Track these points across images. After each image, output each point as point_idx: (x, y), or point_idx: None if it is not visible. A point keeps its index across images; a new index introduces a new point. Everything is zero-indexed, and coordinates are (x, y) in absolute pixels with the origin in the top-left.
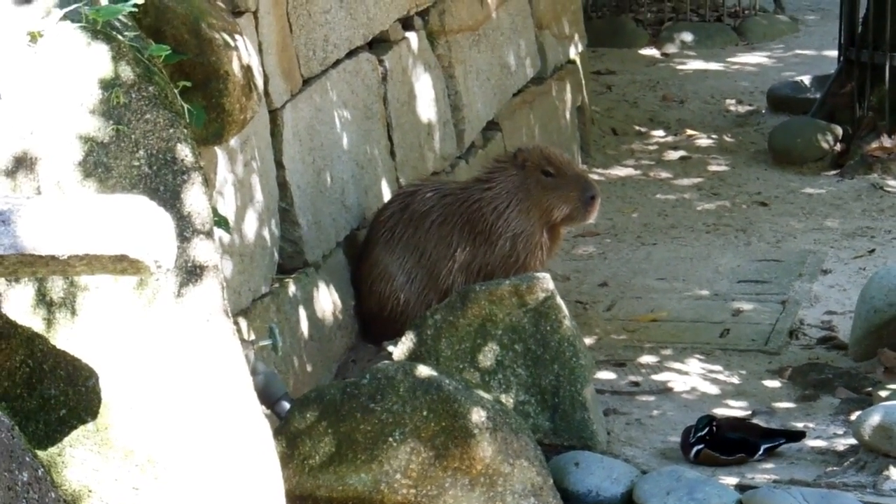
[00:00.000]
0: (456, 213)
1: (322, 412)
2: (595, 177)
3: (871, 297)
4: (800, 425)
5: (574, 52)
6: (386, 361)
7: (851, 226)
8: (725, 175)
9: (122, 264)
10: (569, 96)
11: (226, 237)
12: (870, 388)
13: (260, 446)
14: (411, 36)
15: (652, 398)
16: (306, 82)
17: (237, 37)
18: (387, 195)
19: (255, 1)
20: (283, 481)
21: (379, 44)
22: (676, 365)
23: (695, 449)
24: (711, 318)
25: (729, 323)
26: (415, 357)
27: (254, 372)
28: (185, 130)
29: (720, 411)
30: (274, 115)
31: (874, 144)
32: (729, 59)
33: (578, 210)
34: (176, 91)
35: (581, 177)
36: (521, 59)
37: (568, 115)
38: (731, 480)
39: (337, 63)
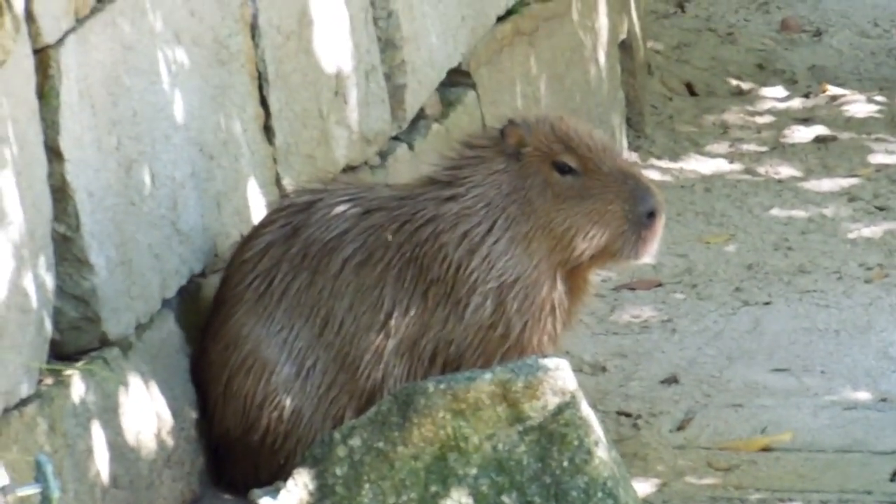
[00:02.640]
0: (391, 245)
1: None
2: (653, 175)
3: None
4: None
5: None
6: None
7: None
8: None
9: None
10: (604, 22)
11: None
12: None
13: None
14: None
15: None
16: None
17: None
18: (258, 211)
19: None
20: None
21: None
22: None
23: None
24: (876, 444)
25: None
26: None
27: None
28: None
29: None
30: (44, 57)
31: None
32: None
33: (626, 239)
34: None
35: (628, 174)
36: None
37: (602, 59)
38: None
39: None
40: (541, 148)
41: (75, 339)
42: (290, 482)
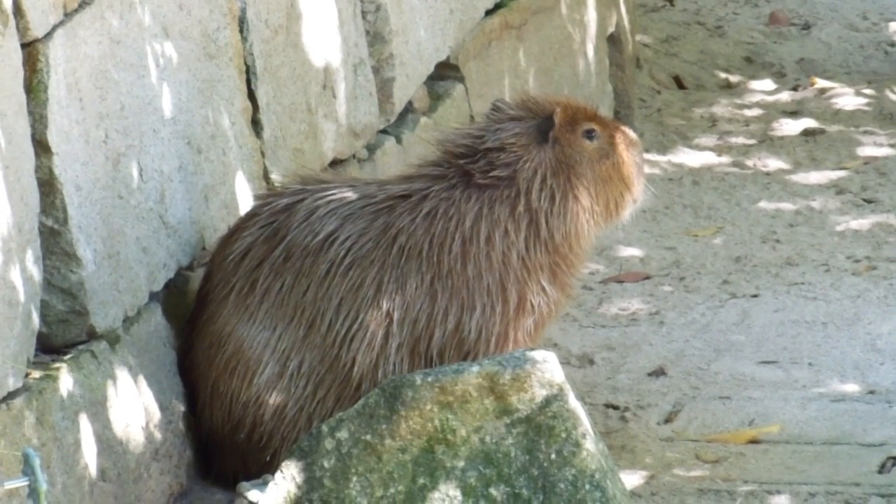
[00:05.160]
0: (390, 246)
1: None
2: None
3: None
4: None
5: None
6: None
7: None
8: (889, 165)
9: None
10: (592, 16)
11: None
12: None
13: None
14: None
15: None
16: None
17: None
18: (246, 205)
19: None
20: None
21: None
22: None
23: None
24: (864, 436)
25: None
26: None
27: None
28: None
29: None
30: (32, 51)
31: None
32: None
33: (642, 181)
34: None
35: (620, 125)
36: None
37: (591, 52)
38: None
39: None
40: (567, 123)
41: (63, 332)
42: (277, 475)
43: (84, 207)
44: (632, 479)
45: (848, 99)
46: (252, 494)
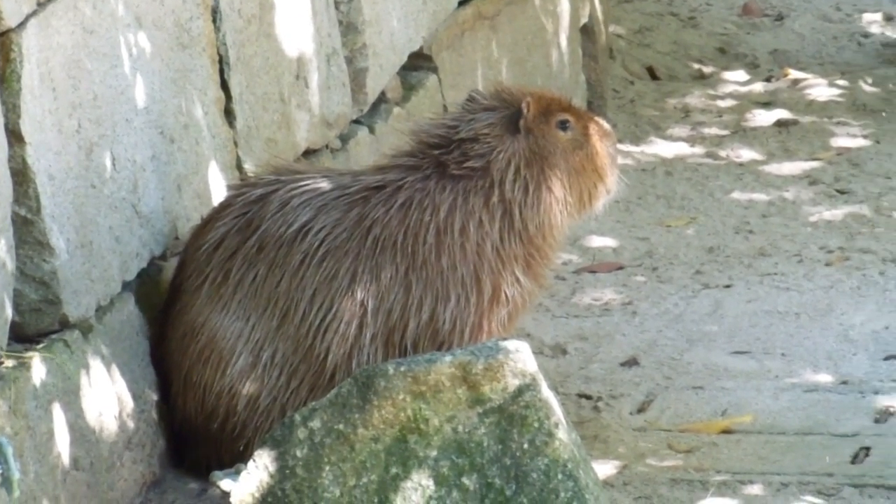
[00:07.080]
0: (364, 236)
1: None
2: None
3: None
4: None
5: None
6: None
7: None
8: (862, 156)
9: None
10: (565, 6)
11: None
12: None
13: None
14: None
15: None
16: None
17: None
18: (218, 194)
19: None
20: None
21: None
22: None
23: None
24: (837, 426)
25: (868, 435)
26: (271, 503)
27: None
28: None
29: None
30: (5, 41)
31: None
32: None
33: (616, 172)
34: None
35: (594, 117)
36: None
37: (564, 43)
38: None
39: None
40: (540, 114)
41: (36, 321)
42: (250, 464)
43: (57, 197)
44: (604, 469)
45: (821, 90)
46: (225, 483)
